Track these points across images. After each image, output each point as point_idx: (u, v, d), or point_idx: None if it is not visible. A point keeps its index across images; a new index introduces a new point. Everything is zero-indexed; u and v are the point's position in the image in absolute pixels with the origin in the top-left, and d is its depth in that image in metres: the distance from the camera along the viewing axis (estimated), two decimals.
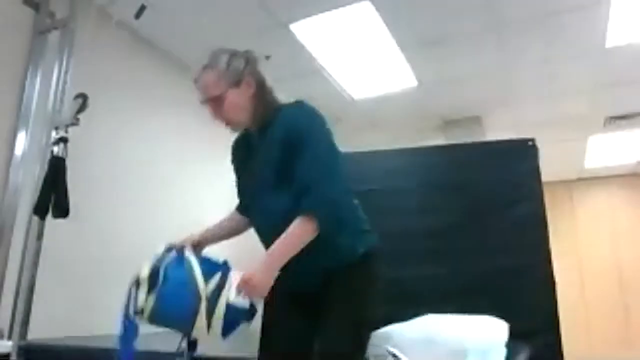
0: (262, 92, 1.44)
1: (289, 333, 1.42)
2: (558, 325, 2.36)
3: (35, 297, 2.42)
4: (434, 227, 2.68)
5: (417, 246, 2.64)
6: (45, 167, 2.41)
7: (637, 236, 6.42)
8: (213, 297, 1.28)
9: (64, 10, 2.78)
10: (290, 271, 1.26)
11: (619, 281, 6.35)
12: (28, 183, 2.57)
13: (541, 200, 2.58)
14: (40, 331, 2.41)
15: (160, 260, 1.35)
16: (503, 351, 1.84)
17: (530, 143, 2.68)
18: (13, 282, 2.44)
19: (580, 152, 5.92)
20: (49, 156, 2.43)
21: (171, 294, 1.29)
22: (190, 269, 1.33)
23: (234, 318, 1.28)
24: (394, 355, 1.69)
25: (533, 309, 2.37)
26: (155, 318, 1.29)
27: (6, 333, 2.38)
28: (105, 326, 1.10)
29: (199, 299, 1.27)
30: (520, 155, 2.68)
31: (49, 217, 2.36)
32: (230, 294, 1.28)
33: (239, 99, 1.41)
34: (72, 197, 2.35)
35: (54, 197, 2.33)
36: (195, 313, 1.25)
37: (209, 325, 1.25)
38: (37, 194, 2.37)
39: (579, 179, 6.91)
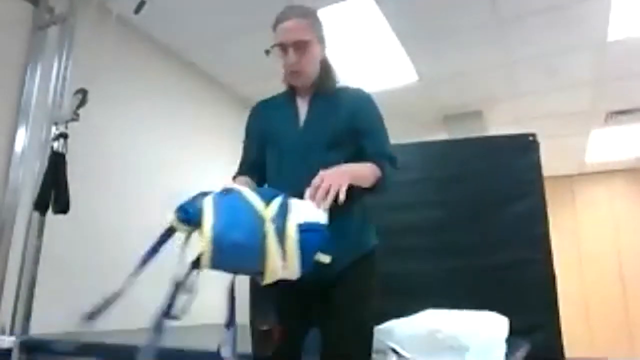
0: (328, 63, 1.53)
1: (288, 334, 1.36)
2: (558, 320, 2.37)
3: (36, 293, 2.44)
4: (434, 222, 2.69)
5: (417, 241, 2.64)
6: (46, 163, 2.41)
7: (638, 231, 6.42)
8: (279, 218, 1.08)
9: (63, 6, 2.77)
10: None
11: (619, 275, 6.36)
12: (28, 180, 2.57)
13: (542, 195, 2.58)
14: (41, 327, 2.42)
15: (190, 199, 1.13)
16: (503, 346, 1.85)
17: (531, 138, 2.68)
18: (14, 279, 2.44)
19: (581, 146, 5.91)
20: (49, 152, 2.43)
21: (228, 223, 1.05)
22: (241, 194, 1.13)
23: (311, 241, 1.08)
24: (395, 351, 1.69)
25: (533, 304, 2.37)
26: (219, 255, 1.04)
27: (8, 328, 2.39)
28: (105, 322, 1.09)
29: (262, 220, 1.07)
30: (521, 150, 2.68)
31: (49, 213, 2.36)
32: (298, 216, 1.09)
33: (318, 55, 1.48)
34: (71, 192, 2.36)
35: (54, 192, 2.33)
36: (264, 236, 1.05)
37: (284, 253, 1.05)
38: (38, 190, 2.37)
39: (580, 174, 6.90)
